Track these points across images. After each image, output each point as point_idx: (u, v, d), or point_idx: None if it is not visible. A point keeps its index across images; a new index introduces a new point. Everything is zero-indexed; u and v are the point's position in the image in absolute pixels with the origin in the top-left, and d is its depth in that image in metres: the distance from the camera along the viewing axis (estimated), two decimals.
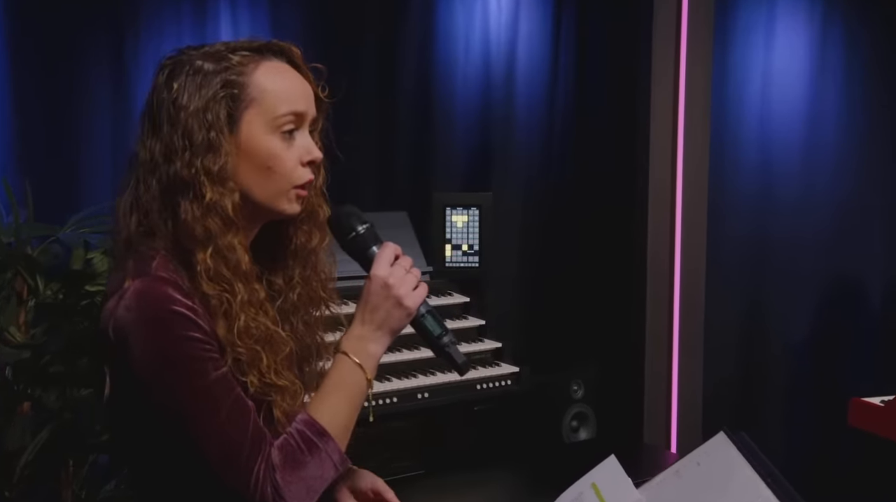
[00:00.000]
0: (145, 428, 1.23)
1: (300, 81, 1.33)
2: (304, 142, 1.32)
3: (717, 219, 3.73)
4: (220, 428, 1.19)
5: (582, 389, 3.37)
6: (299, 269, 1.39)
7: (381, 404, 2.67)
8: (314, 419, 1.26)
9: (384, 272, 1.31)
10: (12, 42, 2.83)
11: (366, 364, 1.31)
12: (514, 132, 3.76)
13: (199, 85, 1.25)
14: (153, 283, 1.19)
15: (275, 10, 3.34)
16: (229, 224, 1.24)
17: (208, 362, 1.20)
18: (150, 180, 1.25)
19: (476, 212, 3.19)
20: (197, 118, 1.24)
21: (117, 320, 1.19)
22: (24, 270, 2.11)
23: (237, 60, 1.27)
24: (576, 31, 3.84)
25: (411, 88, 3.59)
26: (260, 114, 1.27)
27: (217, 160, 1.24)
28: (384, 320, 1.31)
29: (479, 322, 3.05)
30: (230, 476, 1.19)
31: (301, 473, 1.22)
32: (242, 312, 1.23)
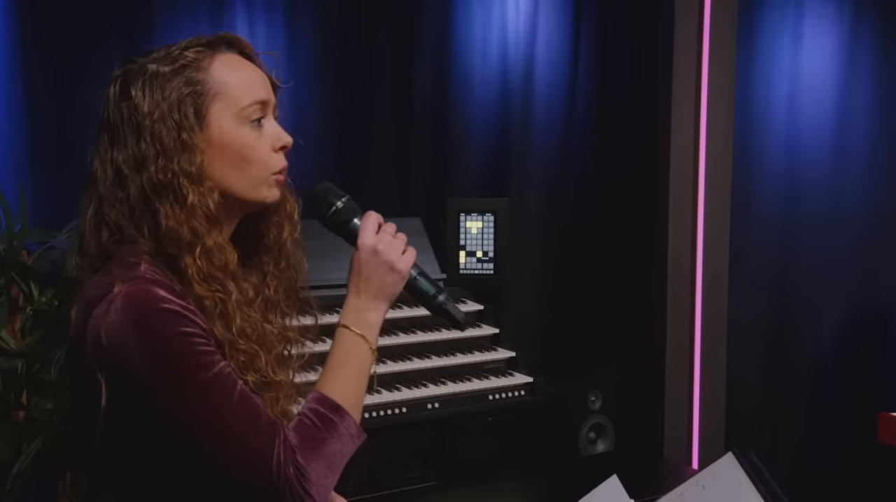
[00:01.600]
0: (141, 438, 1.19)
1: (256, 70, 1.33)
2: (273, 129, 1.32)
3: (741, 226, 3.63)
4: (231, 418, 1.16)
5: (600, 400, 3.28)
6: (273, 263, 1.38)
7: (389, 414, 2.62)
8: (326, 395, 1.25)
9: (372, 240, 1.31)
10: (23, 50, 2.82)
11: (367, 334, 1.31)
12: (533, 137, 3.70)
13: (159, 88, 1.23)
14: (143, 285, 1.17)
15: (290, 15, 3.32)
16: (214, 222, 1.24)
17: (210, 355, 1.18)
18: (118, 194, 1.23)
19: (491, 218, 3.13)
20: (164, 122, 1.22)
21: (109, 325, 1.15)
22: (17, 277, 2.09)
23: (192, 57, 1.26)
24: (596, 35, 3.77)
25: (427, 92, 3.55)
26: (226, 107, 1.26)
27: (193, 159, 1.23)
28: (379, 287, 1.31)
29: (493, 330, 2.99)
30: (250, 466, 1.16)
31: (321, 450, 1.21)
32: (238, 311, 1.24)
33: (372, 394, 2.62)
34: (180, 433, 1.16)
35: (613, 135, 3.78)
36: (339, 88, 3.40)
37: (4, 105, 2.79)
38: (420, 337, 2.83)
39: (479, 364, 2.89)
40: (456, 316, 1.38)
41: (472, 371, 2.86)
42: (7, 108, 2.80)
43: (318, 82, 3.36)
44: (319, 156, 3.37)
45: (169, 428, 1.16)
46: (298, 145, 3.58)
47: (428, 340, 2.84)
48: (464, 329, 1.41)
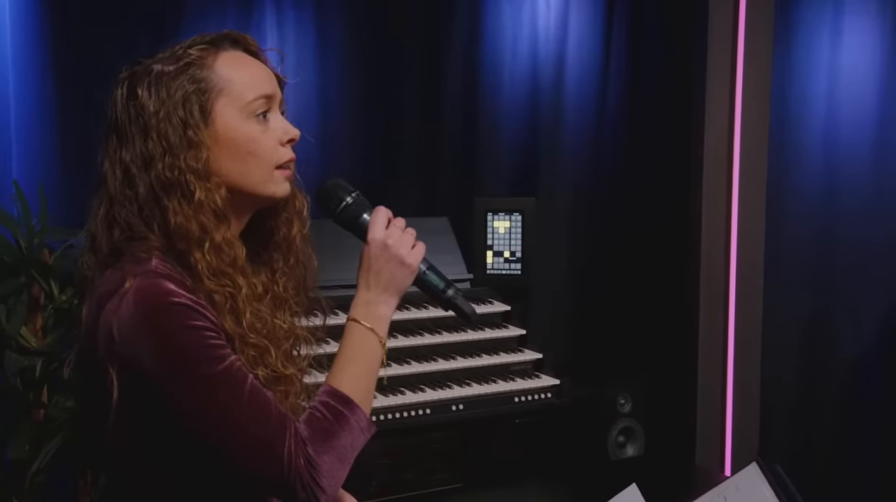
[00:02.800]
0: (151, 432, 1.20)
1: (260, 66, 1.34)
2: (280, 124, 1.32)
3: (777, 225, 3.54)
4: (242, 411, 1.17)
5: (629, 403, 3.22)
6: (283, 260, 1.39)
7: (413, 415, 2.59)
8: (337, 389, 1.26)
9: (381, 234, 1.32)
10: (53, 49, 2.84)
11: (377, 327, 1.32)
12: (563, 136, 3.66)
13: (164, 88, 1.25)
14: (154, 280, 1.18)
15: (319, 14, 3.31)
16: (221, 218, 1.25)
17: (220, 349, 1.19)
18: (128, 193, 1.24)
19: (519, 217, 3.09)
20: (170, 120, 1.24)
21: (121, 319, 1.16)
22: (38, 276, 2.10)
23: (196, 55, 1.28)
24: (628, 31, 3.71)
25: (456, 90, 3.52)
26: (230, 102, 1.28)
27: (199, 156, 1.24)
28: (389, 281, 1.32)
29: (520, 331, 2.95)
30: (261, 458, 1.17)
31: (332, 443, 1.21)
32: (247, 306, 1.25)
33: (396, 395, 2.60)
34: (191, 426, 1.17)
35: (645, 134, 3.71)
36: (368, 87, 3.39)
37: (34, 104, 2.82)
38: (445, 337, 2.80)
39: (505, 365, 2.85)
40: (465, 310, 1.37)
41: (498, 372, 2.83)
42: (37, 106, 2.83)
43: (346, 81, 3.36)
44: (348, 154, 3.37)
45: (180, 422, 1.17)
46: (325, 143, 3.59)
47: (453, 341, 2.81)
48: (473, 324, 1.43)
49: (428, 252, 3.13)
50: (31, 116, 2.81)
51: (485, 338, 2.88)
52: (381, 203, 3.72)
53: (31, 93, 2.81)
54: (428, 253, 3.13)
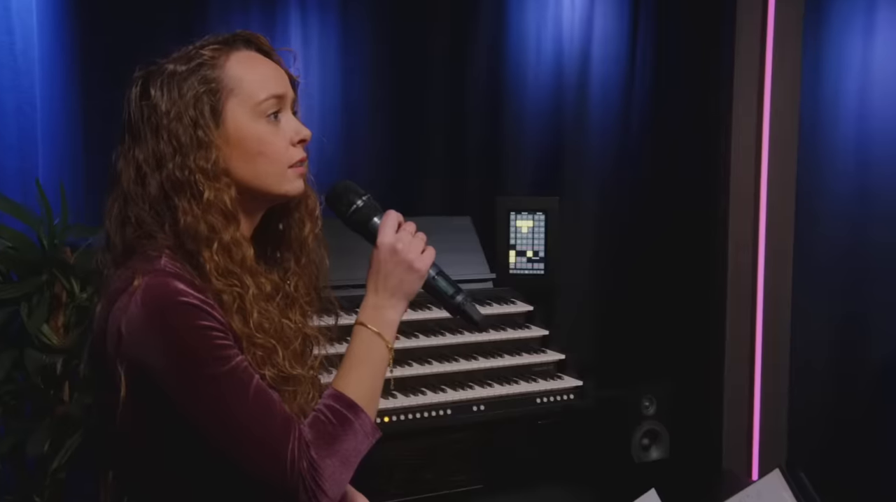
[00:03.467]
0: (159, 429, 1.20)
1: (272, 66, 1.34)
2: (291, 123, 1.32)
3: (807, 226, 3.47)
4: (247, 412, 1.17)
5: (654, 405, 3.18)
6: (294, 260, 1.39)
7: (433, 416, 2.57)
8: (342, 393, 1.26)
9: (391, 238, 1.31)
10: (80, 49, 2.86)
11: (385, 332, 1.31)
12: (588, 135, 3.63)
13: (176, 87, 1.25)
14: (162, 279, 1.19)
15: (344, 13, 3.31)
16: (230, 218, 1.26)
17: (227, 349, 1.19)
18: (140, 191, 1.25)
19: (542, 216, 3.06)
20: (181, 120, 1.24)
21: (129, 318, 1.17)
22: (59, 273, 2.11)
23: (208, 55, 1.28)
24: (654, 29, 3.67)
25: (481, 89, 3.51)
26: (241, 103, 1.28)
27: (209, 156, 1.25)
28: (398, 286, 1.31)
29: (543, 332, 2.92)
30: (264, 460, 1.17)
31: (335, 447, 1.21)
32: (255, 306, 1.25)
33: (416, 395, 2.58)
34: (196, 425, 1.17)
35: (672, 133, 3.67)
36: (392, 86, 3.39)
37: (60, 104, 2.84)
38: (467, 337, 2.78)
39: (527, 366, 2.83)
40: (474, 316, 1.36)
41: (520, 373, 2.80)
42: (63, 106, 2.85)
43: (370, 80, 3.35)
44: (371, 153, 3.37)
45: (185, 421, 1.17)
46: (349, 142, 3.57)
47: (475, 341, 2.79)
48: (482, 330, 1.42)
49: (450, 251, 3.10)
50: (57, 116, 2.83)
51: (507, 339, 2.85)
52: (406, 202, 3.72)
53: (58, 93, 2.83)
54: (450, 252, 3.10)
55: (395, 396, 2.55)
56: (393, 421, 2.51)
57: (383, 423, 2.49)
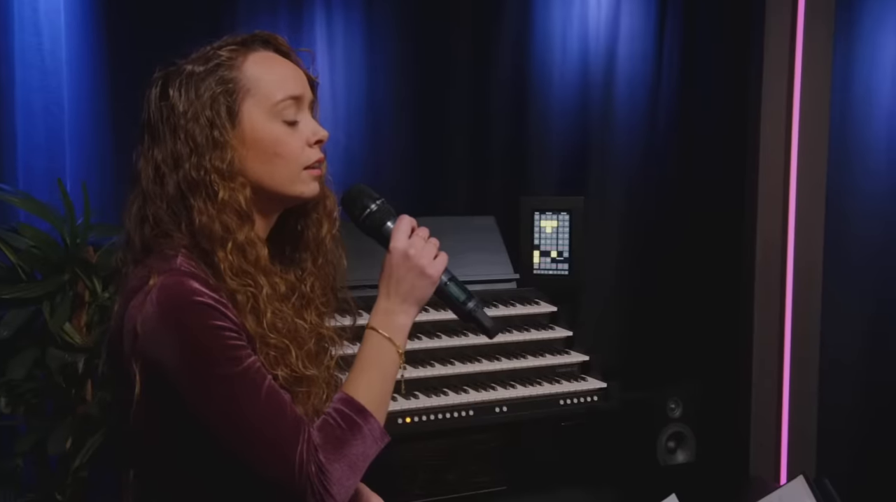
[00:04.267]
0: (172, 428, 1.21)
1: (290, 67, 1.34)
2: (308, 124, 1.33)
3: (838, 226, 3.41)
4: (258, 414, 1.18)
5: (680, 408, 3.15)
6: (311, 261, 1.40)
7: (455, 417, 2.56)
8: (352, 397, 1.26)
9: (403, 244, 1.31)
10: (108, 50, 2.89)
11: (395, 337, 1.31)
12: (614, 134, 3.59)
13: (193, 88, 1.26)
14: (178, 278, 1.20)
15: (369, 12, 3.31)
16: (245, 218, 1.26)
17: (240, 350, 1.19)
18: (158, 191, 1.26)
19: (566, 217, 3.04)
20: (197, 120, 1.25)
21: (145, 316, 1.18)
22: (81, 272, 2.13)
23: (225, 56, 1.28)
24: (682, 26, 3.63)
25: (505, 87, 3.49)
26: (258, 103, 1.28)
27: (224, 157, 1.25)
28: (409, 291, 1.31)
29: (567, 333, 2.89)
30: (273, 461, 1.17)
31: (344, 451, 1.21)
32: (269, 306, 1.25)
33: (439, 396, 2.57)
34: (207, 425, 1.18)
35: (699, 131, 3.63)
36: (417, 84, 3.38)
37: (88, 104, 2.86)
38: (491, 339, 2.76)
39: (551, 367, 2.80)
40: (485, 323, 1.35)
41: (543, 374, 2.78)
42: (91, 107, 2.87)
43: (395, 78, 3.35)
44: (396, 152, 3.36)
45: (197, 420, 1.18)
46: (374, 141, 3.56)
47: (497, 342, 2.77)
48: (493, 337, 1.39)
49: (474, 251, 3.07)
50: (84, 116, 2.86)
51: (530, 340, 2.83)
52: (430, 201, 3.70)
53: (85, 93, 2.86)
54: (474, 252, 3.08)
55: (417, 397, 2.54)
56: (415, 421, 2.50)
57: (405, 424, 2.48)
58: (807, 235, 3.29)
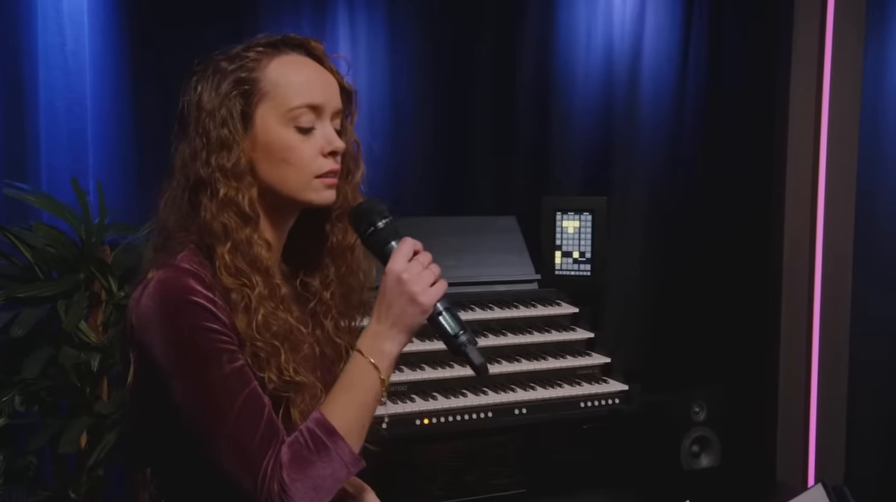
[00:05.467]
0: (163, 419, 1.23)
1: (318, 73, 1.32)
2: (325, 133, 1.31)
3: (868, 227, 3.35)
4: (232, 420, 1.18)
5: (704, 411, 3.09)
6: (335, 268, 1.39)
7: (474, 418, 2.54)
8: (325, 417, 1.23)
9: (399, 267, 1.26)
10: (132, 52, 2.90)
11: (380, 363, 1.26)
12: (638, 133, 3.55)
13: (216, 86, 1.27)
14: (175, 274, 1.21)
15: (391, 12, 3.30)
16: (245, 219, 1.26)
17: (224, 354, 1.19)
18: (182, 181, 1.28)
19: (589, 217, 3.00)
20: (212, 117, 1.26)
21: (140, 308, 1.21)
22: (97, 271, 2.14)
23: (252, 57, 1.29)
24: (708, 24, 3.58)
25: (529, 87, 3.47)
26: (273, 107, 1.28)
27: (230, 156, 1.25)
28: (399, 317, 1.26)
29: (588, 335, 2.85)
30: (239, 470, 1.18)
31: (308, 471, 1.19)
32: (261, 306, 1.24)
33: (457, 397, 2.55)
34: (185, 421, 1.19)
35: (726, 130, 3.58)
36: (440, 83, 3.37)
37: (111, 104, 2.88)
38: (510, 339, 2.74)
39: (572, 369, 2.76)
40: (475, 361, 1.29)
41: (564, 376, 2.74)
42: (114, 106, 2.89)
43: (418, 79, 3.34)
44: (419, 152, 3.35)
45: (178, 414, 1.19)
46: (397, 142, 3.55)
47: (518, 343, 2.74)
48: (481, 375, 1.33)
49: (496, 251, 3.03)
50: (107, 117, 2.87)
51: (551, 341, 2.80)
52: (452, 201, 3.67)
53: (108, 94, 2.88)
54: (495, 252, 3.04)
55: (436, 398, 2.52)
56: (433, 422, 2.48)
57: (423, 425, 2.46)
58: (836, 235, 3.22)
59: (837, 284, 3.22)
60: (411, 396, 2.50)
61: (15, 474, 2.12)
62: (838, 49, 3.18)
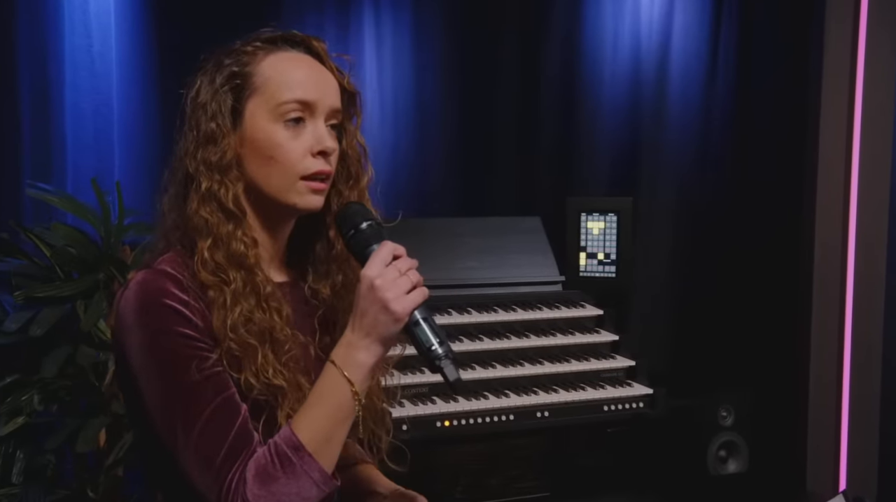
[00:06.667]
0: (139, 421, 1.21)
1: (314, 70, 1.28)
2: (316, 132, 1.26)
3: None
4: (198, 430, 1.14)
5: (732, 416, 3.04)
6: (342, 275, 1.34)
7: (495, 421, 2.51)
8: (293, 432, 1.17)
9: (373, 272, 1.18)
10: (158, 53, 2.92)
11: (353, 375, 1.18)
12: (666, 133, 3.51)
13: (212, 81, 1.25)
14: (152, 276, 1.19)
15: (417, 11, 3.29)
16: (228, 214, 1.23)
17: (194, 360, 1.16)
18: (178, 177, 1.27)
19: (614, 218, 2.97)
20: (204, 110, 1.24)
21: (119, 309, 1.19)
22: (116, 271, 2.15)
23: (249, 51, 1.27)
24: (738, 22, 3.53)
25: (554, 85, 3.44)
26: (263, 102, 1.25)
27: (216, 150, 1.23)
28: (372, 326, 1.18)
29: (613, 337, 2.82)
30: (202, 483, 1.14)
31: (271, 488, 1.14)
32: (238, 303, 1.20)
33: (479, 399, 2.53)
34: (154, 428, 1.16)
35: (756, 130, 3.52)
36: (465, 82, 3.36)
37: (137, 104, 2.90)
38: (533, 341, 2.71)
39: (596, 372, 2.73)
40: (448, 376, 1.19)
41: (587, 379, 2.71)
42: (140, 107, 2.91)
43: (443, 78, 3.33)
44: (443, 152, 3.34)
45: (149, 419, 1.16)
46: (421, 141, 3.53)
47: (541, 345, 2.72)
48: (456, 392, 1.28)
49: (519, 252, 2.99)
50: (133, 117, 2.90)
51: (574, 343, 2.77)
52: (477, 201, 3.63)
53: (134, 95, 2.90)
54: (519, 253, 3.00)
55: (457, 400, 2.50)
56: (454, 425, 2.46)
57: (444, 427, 2.45)
58: (869, 237, 3.15)
59: (870, 286, 3.15)
60: (432, 398, 2.49)
61: (34, 473, 2.14)
62: (872, 47, 3.11)
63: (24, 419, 2.08)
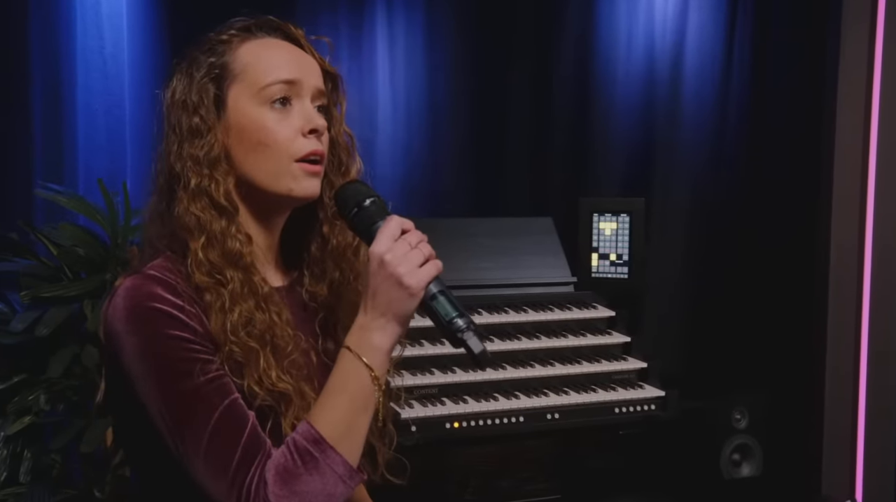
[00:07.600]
0: (138, 428, 1.14)
1: (294, 52, 1.25)
2: (304, 111, 1.22)
3: None
4: (208, 437, 1.08)
5: (746, 419, 3.01)
6: (340, 273, 1.30)
7: (505, 422, 2.50)
8: (312, 426, 1.11)
9: (382, 248, 1.13)
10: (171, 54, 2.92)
11: (371, 359, 1.13)
12: (680, 132, 3.48)
13: (188, 75, 1.22)
14: (140, 281, 1.14)
15: (430, 11, 3.29)
16: (220, 210, 1.18)
17: (195, 363, 1.11)
18: (160, 183, 1.23)
19: (626, 218, 2.94)
20: (185, 107, 1.20)
21: (107, 317, 1.14)
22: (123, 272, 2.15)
23: (224, 40, 1.23)
24: (753, 20, 3.50)
25: (568, 85, 3.43)
26: (245, 88, 1.21)
27: (202, 145, 1.18)
28: (386, 304, 1.12)
29: (625, 339, 2.79)
30: (216, 489, 1.08)
31: (294, 487, 1.07)
32: (237, 304, 1.15)
33: (489, 401, 2.51)
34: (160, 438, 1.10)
35: (771, 130, 3.49)
36: (477, 82, 3.36)
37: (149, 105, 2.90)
38: (543, 342, 2.69)
39: (607, 374, 2.71)
40: (473, 349, 1.12)
41: (599, 381, 2.69)
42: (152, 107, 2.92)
43: (456, 77, 3.33)
44: (455, 151, 3.34)
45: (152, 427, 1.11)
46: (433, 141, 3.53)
47: (551, 346, 2.70)
48: (483, 367, 1.23)
49: (531, 253, 2.97)
50: (146, 118, 2.90)
51: (586, 345, 2.74)
52: (489, 201, 3.63)
53: (147, 96, 2.91)
54: (531, 254, 2.98)
55: (467, 401, 2.49)
56: (463, 426, 2.45)
57: (453, 428, 2.43)
58: (886, 238, 3.11)
59: (887, 287, 3.11)
60: (441, 399, 2.47)
61: (40, 472, 2.15)
62: (889, 45, 3.06)
63: (30, 418, 2.09)
